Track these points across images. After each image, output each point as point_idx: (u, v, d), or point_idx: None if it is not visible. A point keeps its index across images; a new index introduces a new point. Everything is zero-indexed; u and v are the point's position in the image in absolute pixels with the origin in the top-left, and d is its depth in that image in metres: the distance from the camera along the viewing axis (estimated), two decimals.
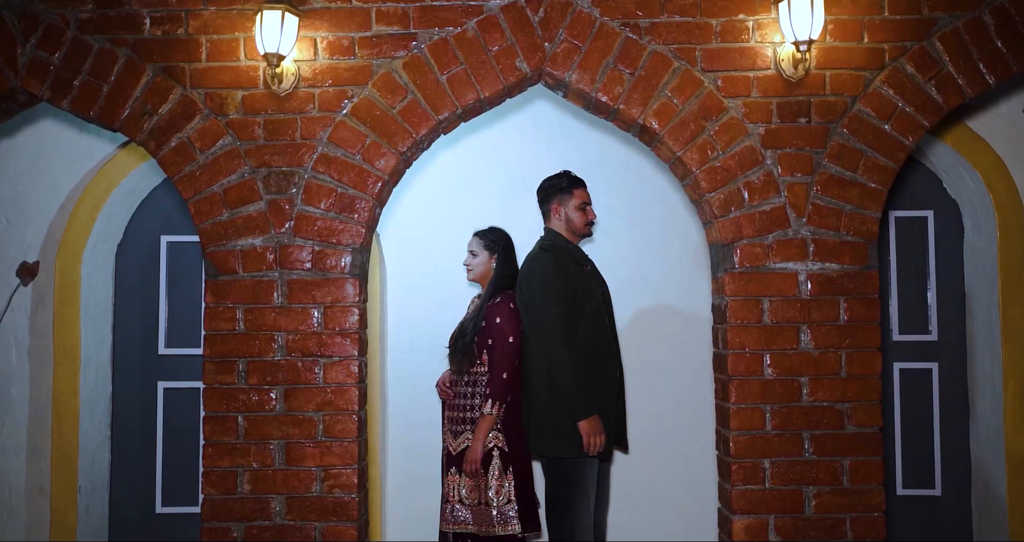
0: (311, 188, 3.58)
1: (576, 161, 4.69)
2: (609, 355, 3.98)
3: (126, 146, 4.91)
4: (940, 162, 5.05)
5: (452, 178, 5.21)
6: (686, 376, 5.04)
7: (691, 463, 5.00)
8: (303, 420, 3.54)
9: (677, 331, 5.10)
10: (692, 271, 5.06)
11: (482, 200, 5.13)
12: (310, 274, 3.57)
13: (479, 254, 4.20)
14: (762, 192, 3.55)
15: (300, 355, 3.55)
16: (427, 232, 5.05)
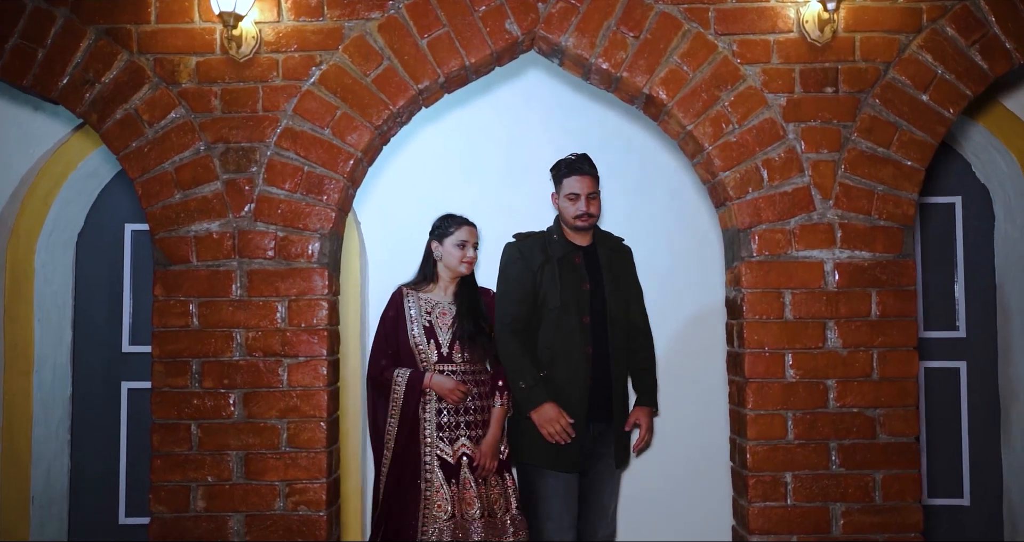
0: (274, 166, 3.18)
1: (575, 140, 4.30)
2: (575, 332, 3.71)
3: (84, 126, 4.50)
4: (970, 144, 4.64)
5: (438, 159, 4.81)
6: (694, 377, 4.65)
7: (699, 475, 4.60)
8: (265, 428, 3.14)
9: (683, 327, 4.70)
10: (701, 261, 4.66)
11: (472, 185, 4.73)
12: (273, 263, 3.17)
13: (476, 245, 3.89)
14: (783, 171, 3.15)
15: (262, 355, 3.15)
16: (412, 220, 4.60)
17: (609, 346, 3.75)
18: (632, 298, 3.91)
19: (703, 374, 4.60)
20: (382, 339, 3.78)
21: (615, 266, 3.87)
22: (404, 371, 3.69)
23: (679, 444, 4.65)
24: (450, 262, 3.83)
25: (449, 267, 3.84)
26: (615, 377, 3.77)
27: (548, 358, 3.70)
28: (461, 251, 3.84)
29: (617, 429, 3.77)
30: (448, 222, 3.87)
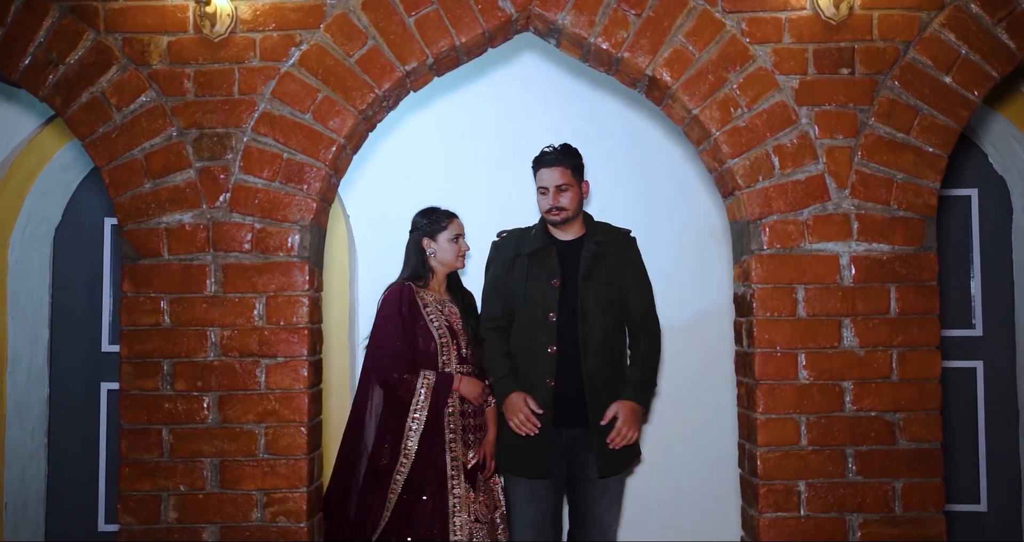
0: (251, 153, 2.97)
1: (573, 129, 4.11)
2: (540, 329, 3.57)
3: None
4: (987, 134, 4.44)
5: (430, 149, 4.63)
6: (699, 378, 4.45)
7: (705, 482, 4.40)
8: (241, 433, 2.93)
9: (687, 325, 4.50)
10: (706, 255, 4.47)
11: (465, 176, 4.55)
12: (250, 257, 2.96)
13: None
14: (796, 158, 2.94)
15: (238, 355, 2.94)
16: (403, 213, 4.40)
17: (579, 344, 3.54)
18: (630, 292, 3.63)
19: (709, 375, 4.40)
20: (397, 339, 3.48)
21: (604, 259, 3.61)
22: (430, 374, 3.47)
23: (683, 449, 4.46)
24: (446, 258, 3.65)
25: (444, 263, 3.66)
26: (588, 377, 3.53)
27: (516, 356, 3.61)
28: (456, 245, 3.68)
29: (596, 433, 3.51)
30: (439, 217, 3.68)
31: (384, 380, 3.47)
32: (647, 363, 3.63)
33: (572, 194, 3.61)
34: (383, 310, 3.54)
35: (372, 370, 3.52)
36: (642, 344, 3.64)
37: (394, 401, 3.46)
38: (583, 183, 3.67)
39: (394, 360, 3.46)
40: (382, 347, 3.50)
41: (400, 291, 3.55)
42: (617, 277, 3.63)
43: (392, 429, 3.45)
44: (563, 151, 3.65)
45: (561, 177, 3.61)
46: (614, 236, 3.69)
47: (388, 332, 3.50)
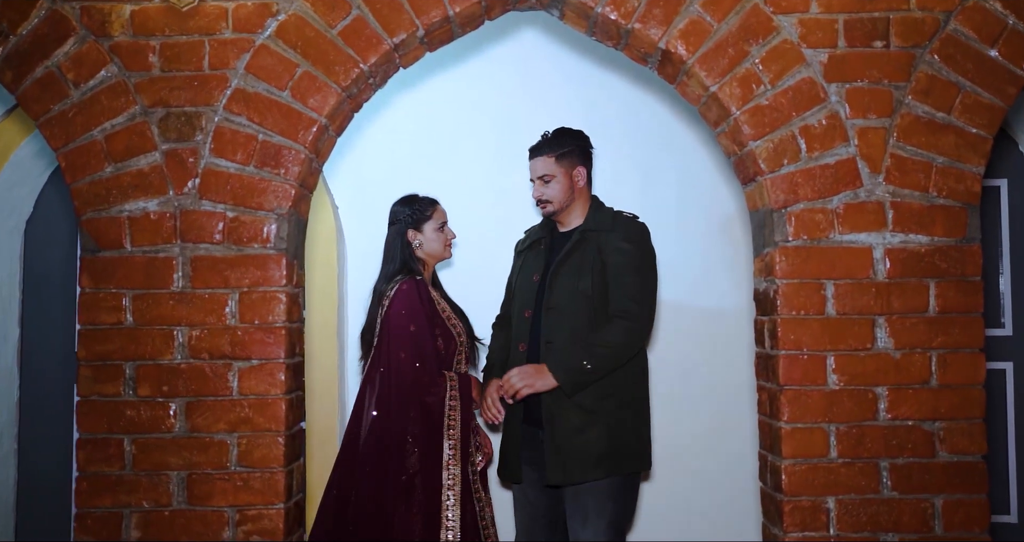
0: (223, 134, 2.69)
1: (576, 113, 3.84)
2: (518, 327, 3.38)
3: None
4: (1018, 120, 4.16)
5: (423, 135, 4.36)
6: (713, 382, 4.17)
7: (719, 495, 4.12)
8: (211, 444, 2.65)
9: (700, 324, 4.23)
10: (721, 248, 4.20)
11: (460, 163, 4.27)
12: (222, 249, 2.68)
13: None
14: (824, 140, 2.66)
15: (208, 357, 2.66)
16: None
17: (540, 341, 3.28)
18: (613, 284, 3.23)
19: (724, 379, 4.12)
20: (423, 341, 3.22)
21: (583, 251, 3.28)
22: (452, 375, 3.28)
23: (696, 459, 4.17)
24: (434, 248, 3.41)
25: (433, 254, 3.42)
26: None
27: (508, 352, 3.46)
28: (443, 234, 3.44)
29: (548, 434, 3.21)
30: (422, 205, 3.43)
31: (416, 386, 3.19)
32: (597, 340, 3.17)
33: (558, 184, 3.34)
34: (404, 307, 3.25)
35: (395, 378, 3.24)
36: (608, 326, 3.20)
37: (425, 411, 3.20)
38: (576, 170, 3.36)
39: (422, 364, 3.22)
40: (407, 350, 3.21)
41: (417, 286, 3.29)
42: (593, 270, 3.25)
43: (425, 439, 3.20)
44: (549, 138, 3.39)
45: (543, 167, 3.35)
46: (602, 224, 3.33)
47: (413, 332, 3.24)
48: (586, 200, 3.41)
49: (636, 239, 3.29)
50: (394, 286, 3.30)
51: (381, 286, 3.37)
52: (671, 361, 4.16)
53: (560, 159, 3.35)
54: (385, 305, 3.29)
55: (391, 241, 3.42)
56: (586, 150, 3.42)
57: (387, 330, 3.27)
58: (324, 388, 4.24)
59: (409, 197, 3.46)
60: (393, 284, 3.31)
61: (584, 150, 3.41)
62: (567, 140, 3.38)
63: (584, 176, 3.39)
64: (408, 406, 3.20)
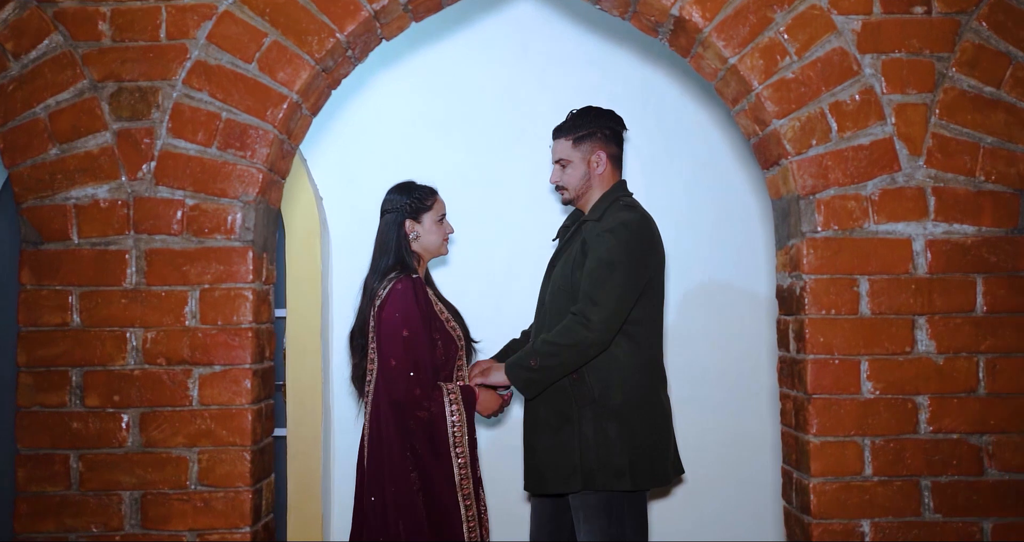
0: (182, 112, 2.40)
1: (578, 94, 3.54)
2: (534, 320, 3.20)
3: None
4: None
5: (412, 118, 4.08)
6: (730, 388, 3.90)
7: (733, 515, 3.83)
8: (168, 460, 2.36)
9: (713, 325, 3.95)
10: (736, 241, 3.92)
11: (453, 149, 3.99)
12: (181, 241, 2.39)
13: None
14: (858, 118, 2.37)
15: (165, 363, 2.37)
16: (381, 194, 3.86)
17: (526, 341, 3.10)
18: (583, 274, 2.95)
19: (740, 384, 3.84)
20: (418, 347, 2.91)
21: (576, 243, 3.05)
22: (453, 387, 2.96)
23: (708, 474, 3.88)
24: (431, 242, 3.11)
25: (429, 249, 3.12)
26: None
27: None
28: (442, 227, 3.14)
29: (528, 440, 3.03)
30: (422, 194, 3.12)
31: (407, 398, 2.88)
32: (544, 337, 2.92)
33: (574, 170, 3.08)
34: (398, 310, 2.93)
35: (384, 389, 2.95)
36: (566, 323, 2.91)
37: (421, 426, 2.90)
38: (595, 155, 3.07)
39: (416, 372, 2.90)
40: (400, 355, 2.90)
41: (413, 285, 2.96)
42: (575, 263, 3.00)
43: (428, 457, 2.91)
44: (570, 119, 3.12)
45: (560, 151, 3.11)
46: (596, 213, 3.06)
47: (406, 337, 2.91)
48: (605, 186, 3.11)
49: (618, 230, 2.95)
50: (388, 285, 2.98)
51: (373, 283, 3.03)
52: (681, 364, 3.87)
53: (578, 143, 3.08)
54: (377, 305, 2.98)
55: (385, 232, 3.09)
56: (611, 133, 3.11)
57: (378, 334, 2.97)
58: (307, 391, 3.96)
59: (406, 184, 3.15)
60: (387, 282, 2.99)
61: (608, 133, 3.11)
62: (586, 122, 3.09)
63: (603, 161, 3.09)
64: (401, 419, 2.90)
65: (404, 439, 2.89)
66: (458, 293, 3.32)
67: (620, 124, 3.14)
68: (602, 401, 2.91)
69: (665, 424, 3.04)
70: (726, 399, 3.92)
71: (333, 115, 4.09)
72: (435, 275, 3.30)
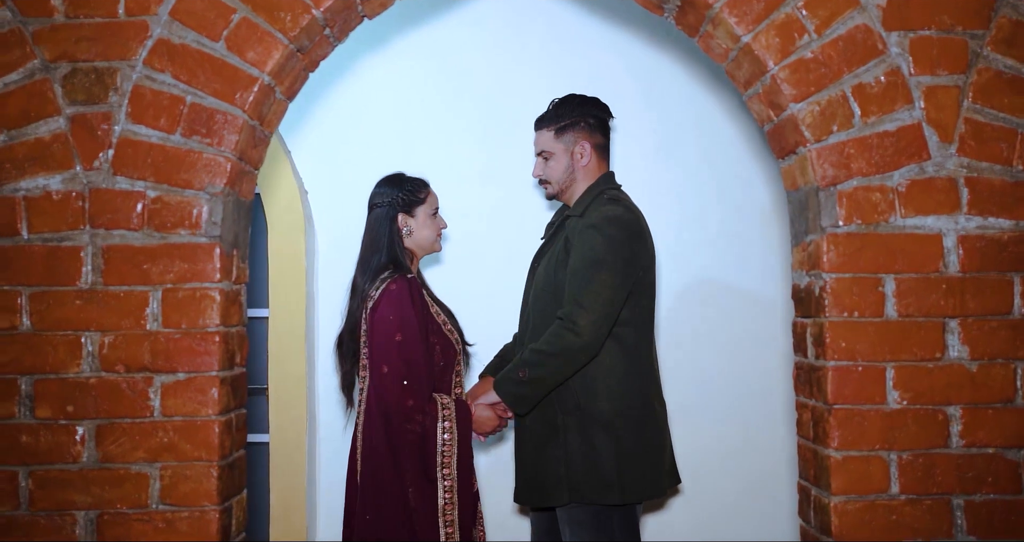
0: (143, 96, 2.19)
1: (577, 81, 3.35)
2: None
3: None
4: None
5: (404, 107, 3.87)
6: (739, 395, 3.70)
7: (743, 533, 3.62)
8: (128, 477, 2.15)
9: (718, 327, 3.74)
10: (745, 237, 3.71)
11: (443, 141, 3.80)
12: (141, 236, 2.18)
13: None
14: (883, 101, 2.16)
15: (124, 370, 2.16)
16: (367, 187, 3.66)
17: (516, 346, 2.95)
18: (567, 275, 2.78)
19: (751, 392, 3.63)
20: (412, 353, 2.71)
21: (559, 240, 2.89)
22: (448, 401, 2.75)
23: (715, 486, 3.68)
24: (424, 238, 2.92)
25: (423, 245, 2.93)
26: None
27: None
28: (435, 221, 2.95)
29: (517, 450, 2.90)
30: (415, 186, 2.93)
31: (398, 409, 2.68)
32: (531, 346, 2.75)
33: (556, 162, 2.92)
34: (392, 312, 2.72)
35: (374, 398, 2.75)
36: (552, 329, 2.74)
37: (412, 440, 2.69)
38: (579, 146, 2.91)
39: (412, 381, 2.69)
40: (393, 362, 2.70)
41: (409, 286, 2.76)
42: (558, 262, 2.83)
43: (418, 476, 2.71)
44: (551, 108, 2.97)
45: (542, 142, 2.95)
46: (579, 208, 2.88)
47: (399, 342, 2.71)
48: (591, 179, 2.94)
49: (602, 226, 2.77)
50: (381, 285, 2.77)
51: (364, 283, 2.83)
52: (685, 368, 3.68)
53: (560, 133, 2.91)
54: (369, 307, 2.78)
55: (376, 227, 2.88)
56: (595, 122, 2.94)
57: (370, 338, 2.76)
58: (291, 395, 3.77)
59: (396, 176, 2.96)
60: (379, 282, 2.78)
61: (593, 122, 2.94)
62: (569, 111, 2.92)
63: (588, 152, 2.92)
64: (393, 432, 2.70)
65: (394, 455, 2.69)
66: (450, 293, 3.13)
67: (606, 112, 2.97)
68: (587, 409, 2.74)
69: (658, 432, 2.85)
70: (734, 407, 3.73)
71: (317, 103, 3.89)
72: (425, 274, 3.10)
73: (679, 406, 3.65)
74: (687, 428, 3.63)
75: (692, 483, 3.61)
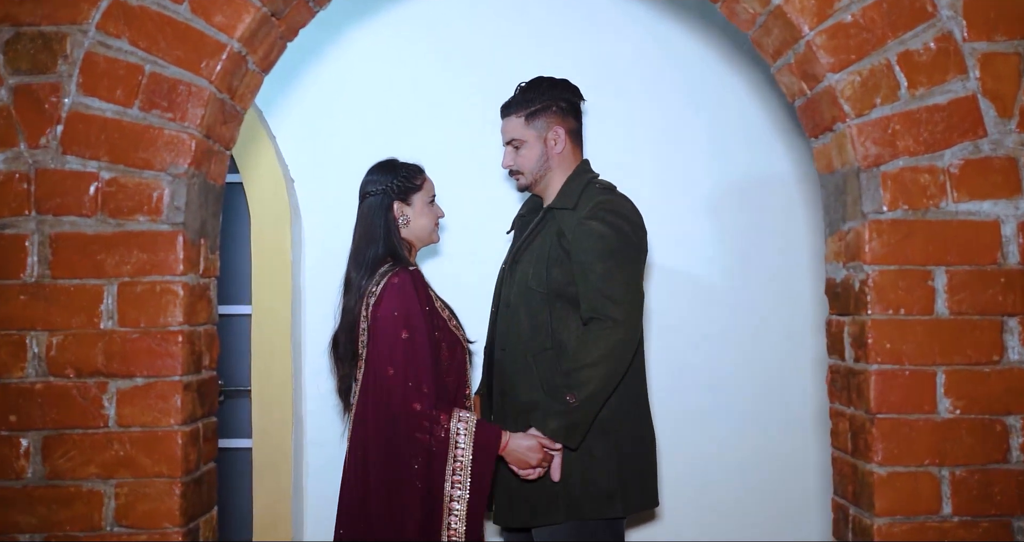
0: (96, 64, 1.94)
1: (578, 56, 3.13)
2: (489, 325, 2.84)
3: None
4: None
5: (398, 89, 3.64)
6: (762, 402, 3.46)
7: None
8: (79, 495, 1.91)
9: (734, 323, 3.49)
10: (767, 225, 3.47)
11: (437, 124, 3.57)
12: (94, 223, 1.94)
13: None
14: (933, 71, 1.92)
15: (74, 374, 1.92)
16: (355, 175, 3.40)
17: (495, 347, 2.75)
18: (577, 275, 2.56)
19: (771, 396, 3.38)
20: (419, 351, 2.48)
21: (544, 234, 2.67)
22: (467, 417, 2.47)
23: (731, 498, 3.44)
24: (422, 227, 2.71)
25: (420, 236, 2.72)
26: (499, 392, 2.67)
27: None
28: (433, 210, 2.74)
29: (504, 468, 2.61)
30: (410, 173, 2.74)
31: (404, 414, 2.44)
32: (575, 364, 2.50)
33: (529, 151, 2.72)
34: (397, 307, 2.50)
35: (373, 405, 2.51)
36: (584, 339, 2.53)
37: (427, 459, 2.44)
38: (551, 131, 2.71)
39: (419, 383, 2.45)
40: (398, 362, 2.46)
41: (412, 279, 2.55)
42: (550, 259, 2.62)
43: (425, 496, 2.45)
44: (518, 93, 2.76)
45: (511, 130, 2.74)
46: (567, 199, 2.67)
47: (405, 340, 2.48)
48: (567, 168, 2.73)
49: (606, 216, 2.58)
50: (382, 280, 2.55)
51: (360, 279, 2.59)
52: (698, 367, 3.43)
53: (531, 119, 2.71)
54: (371, 304, 2.54)
55: (370, 217, 2.66)
56: (567, 106, 2.73)
57: (373, 337, 2.52)
58: (276, 397, 3.53)
59: (390, 162, 2.75)
60: (379, 277, 2.56)
61: (564, 106, 2.73)
62: (538, 95, 2.72)
63: (562, 138, 2.71)
64: (399, 441, 2.45)
65: (395, 469, 2.44)
66: (448, 287, 2.90)
67: (577, 95, 2.76)
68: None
69: (651, 435, 2.69)
70: (754, 411, 3.47)
71: (304, 84, 3.65)
72: (420, 267, 2.86)
73: (692, 408, 3.42)
74: (700, 431, 3.40)
75: (701, 496, 3.38)
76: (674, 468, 3.38)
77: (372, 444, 2.49)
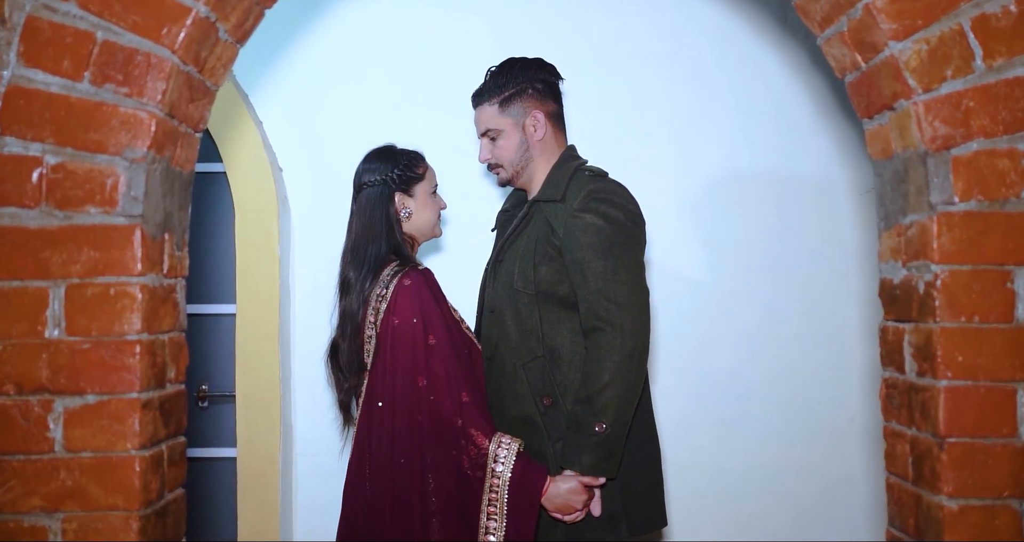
0: (39, 31, 1.67)
1: (584, 38, 2.89)
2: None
3: None
4: None
5: (395, 73, 3.40)
6: (806, 419, 3.22)
7: None
8: (20, 530, 1.65)
9: (768, 326, 3.26)
10: (808, 219, 3.24)
11: (433, 110, 3.37)
12: (39, 215, 1.67)
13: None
14: (1014, 39, 1.66)
15: (15, 391, 1.66)
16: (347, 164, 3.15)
17: (482, 358, 2.50)
18: (572, 275, 2.33)
19: (821, 415, 3.15)
20: (446, 358, 2.29)
21: (535, 226, 2.42)
22: (510, 444, 2.26)
23: (760, 523, 3.20)
24: (425, 221, 2.49)
25: (423, 230, 2.50)
26: (490, 407, 2.41)
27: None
28: (435, 201, 2.52)
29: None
30: (411, 161, 2.51)
31: (442, 429, 2.24)
32: (588, 388, 2.25)
33: (507, 141, 2.47)
34: (416, 312, 2.29)
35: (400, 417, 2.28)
36: (589, 353, 2.29)
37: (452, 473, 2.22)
38: (530, 117, 2.46)
39: (453, 394, 2.26)
40: (426, 371, 2.26)
41: (426, 279, 2.33)
42: (536, 256, 2.37)
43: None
44: (489, 78, 2.51)
45: (486, 120, 2.50)
46: (553, 191, 2.41)
47: (434, 346, 2.28)
48: (551, 155, 2.48)
49: (600, 207, 2.33)
50: (389, 282, 2.32)
51: (361, 279, 2.36)
52: (724, 375, 3.18)
53: (505, 106, 2.46)
54: (381, 310, 2.30)
55: (369, 210, 2.43)
56: (544, 87, 2.48)
57: (390, 347, 2.29)
58: (262, 404, 3.29)
59: (387, 149, 2.52)
60: (386, 278, 2.34)
61: (541, 87, 2.47)
62: (511, 78, 2.46)
63: (542, 123, 2.46)
64: (424, 460, 2.23)
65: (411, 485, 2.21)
66: (451, 285, 2.64)
67: (554, 74, 2.50)
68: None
69: (656, 450, 2.45)
70: (781, 421, 3.22)
71: (293, 66, 3.43)
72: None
73: (716, 419, 3.17)
74: (725, 446, 3.15)
75: (725, 506, 3.14)
76: (693, 481, 3.14)
77: (377, 465, 2.27)
